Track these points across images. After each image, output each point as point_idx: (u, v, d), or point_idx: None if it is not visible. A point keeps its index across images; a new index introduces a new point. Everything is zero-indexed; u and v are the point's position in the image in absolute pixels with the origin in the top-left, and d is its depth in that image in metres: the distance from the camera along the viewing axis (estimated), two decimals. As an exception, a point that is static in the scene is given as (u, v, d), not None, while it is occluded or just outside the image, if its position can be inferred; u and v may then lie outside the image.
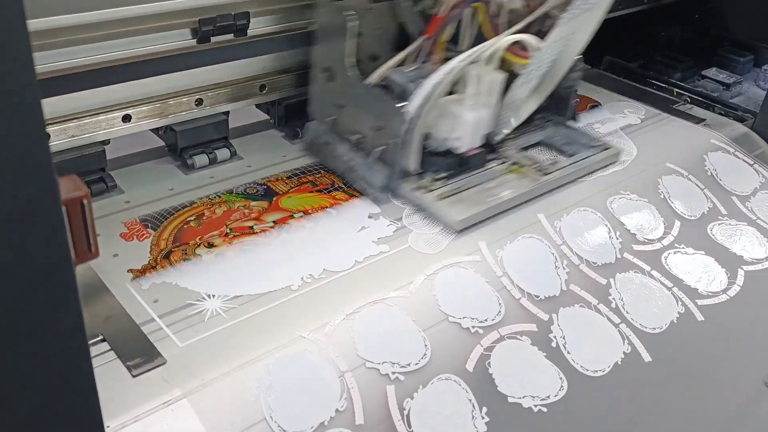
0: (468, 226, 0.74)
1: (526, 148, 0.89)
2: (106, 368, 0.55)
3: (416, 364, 0.61)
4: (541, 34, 0.78)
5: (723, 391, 0.75)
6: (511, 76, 0.79)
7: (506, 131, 0.82)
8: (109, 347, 0.56)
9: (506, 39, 0.78)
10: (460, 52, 0.76)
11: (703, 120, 1.06)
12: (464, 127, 0.77)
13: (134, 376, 0.54)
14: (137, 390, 0.53)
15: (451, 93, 0.78)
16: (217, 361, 0.56)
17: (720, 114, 1.10)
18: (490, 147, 0.83)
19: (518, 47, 0.79)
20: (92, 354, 0.39)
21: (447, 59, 0.75)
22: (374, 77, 0.78)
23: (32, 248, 0.32)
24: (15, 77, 0.29)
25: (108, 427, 0.49)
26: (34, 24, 0.64)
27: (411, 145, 0.74)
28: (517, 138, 0.88)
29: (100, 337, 0.57)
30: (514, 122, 0.82)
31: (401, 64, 0.80)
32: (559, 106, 0.92)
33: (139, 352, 0.56)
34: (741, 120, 1.08)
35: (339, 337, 0.60)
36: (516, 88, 0.79)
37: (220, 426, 0.53)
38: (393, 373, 0.59)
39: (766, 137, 1.05)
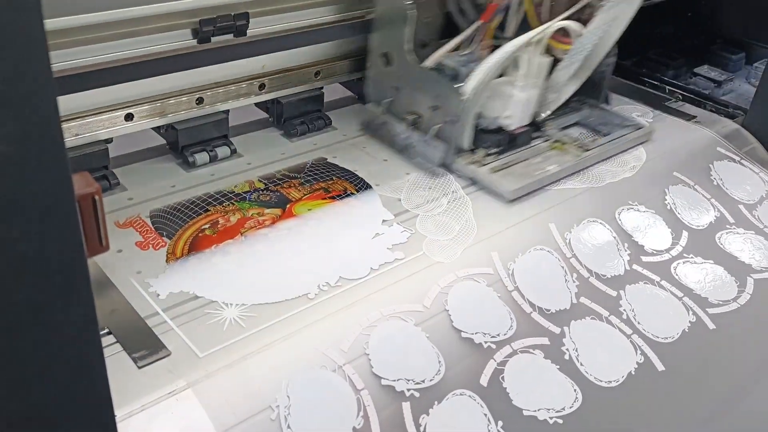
0: (519, 196, 0.81)
1: (565, 128, 0.95)
2: (112, 360, 0.56)
3: (431, 380, 0.61)
4: (582, 22, 0.85)
5: (738, 397, 0.76)
6: (555, 61, 0.86)
7: (549, 111, 0.90)
8: (114, 340, 0.58)
9: (553, 26, 0.83)
10: (507, 39, 0.83)
11: (694, 117, 1.07)
12: (515, 106, 0.84)
13: (140, 368, 0.56)
14: (143, 381, 0.54)
15: (500, 76, 0.84)
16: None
17: (711, 111, 1.11)
18: (534, 125, 0.90)
19: (561, 34, 0.85)
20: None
21: (496, 46, 0.83)
22: (430, 61, 0.85)
23: (47, 242, 0.34)
24: (33, 77, 0.30)
25: (115, 416, 0.50)
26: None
27: (466, 124, 0.82)
28: (557, 118, 0.94)
29: (106, 330, 0.59)
30: (556, 103, 0.90)
31: (456, 49, 0.86)
32: (593, 89, 0.97)
33: (144, 345, 0.57)
34: (732, 117, 1.09)
35: (355, 354, 0.60)
36: (559, 71, 0.87)
37: (224, 416, 0.53)
38: (408, 389, 0.60)
39: (756, 134, 1.06)
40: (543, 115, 0.91)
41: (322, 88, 0.94)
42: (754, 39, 1.34)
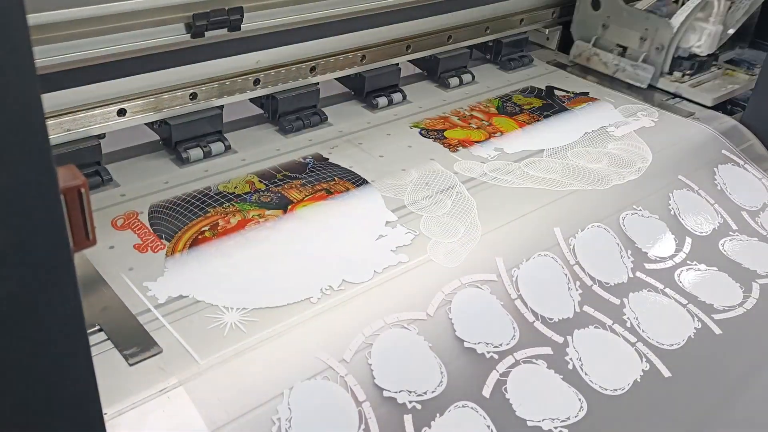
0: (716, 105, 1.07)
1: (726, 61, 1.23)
2: (103, 357, 0.55)
3: (432, 391, 0.60)
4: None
5: (746, 402, 0.75)
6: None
7: (721, 43, 1.14)
8: (106, 337, 0.57)
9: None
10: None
11: (692, 113, 1.07)
12: (707, 37, 1.10)
13: (131, 365, 0.55)
14: (134, 378, 0.54)
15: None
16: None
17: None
18: (713, 55, 1.17)
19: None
20: (89, 343, 0.40)
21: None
22: (642, 4, 1.15)
23: (31, 236, 0.33)
24: (15, 69, 0.30)
25: (105, 414, 0.50)
26: (30, 19, 0.64)
27: (670, 51, 1.11)
28: (722, 52, 1.20)
29: (98, 327, 0.58)
30: (725, 37, 1.14)
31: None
32: (744, 31, 1.22)
33: (136, 342, 0.57)
34: (730, 113, 1.09)
35: (357, 364, 0.59)
36: (735, 10, 1.12)
37: (216, 413, 0.53)
38: (410, 401, 0.59)
39: (754, 130, 1.06)
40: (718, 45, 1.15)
41: (317, 83, 0.93)
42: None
